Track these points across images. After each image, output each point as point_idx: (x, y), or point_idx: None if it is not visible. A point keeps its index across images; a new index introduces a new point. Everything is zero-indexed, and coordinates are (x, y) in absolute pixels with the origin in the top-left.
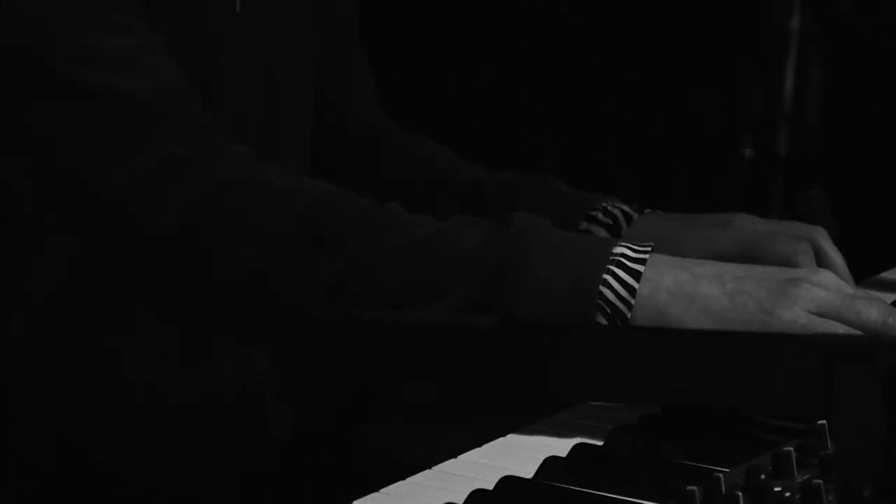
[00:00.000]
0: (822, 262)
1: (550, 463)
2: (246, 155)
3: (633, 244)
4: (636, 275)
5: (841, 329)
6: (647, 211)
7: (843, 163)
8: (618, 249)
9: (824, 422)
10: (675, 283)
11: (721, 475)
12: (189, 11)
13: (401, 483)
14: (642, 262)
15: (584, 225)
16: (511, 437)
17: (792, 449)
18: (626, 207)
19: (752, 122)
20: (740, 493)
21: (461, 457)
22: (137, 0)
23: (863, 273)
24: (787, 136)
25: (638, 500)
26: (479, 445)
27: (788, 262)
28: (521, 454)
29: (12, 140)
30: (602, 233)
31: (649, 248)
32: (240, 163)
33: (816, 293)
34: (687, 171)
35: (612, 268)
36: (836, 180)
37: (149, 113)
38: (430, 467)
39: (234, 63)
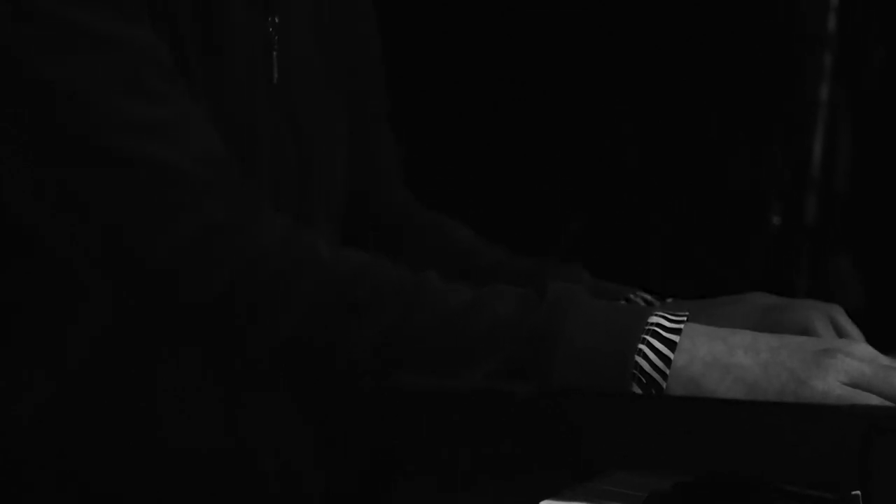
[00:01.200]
0: (840, 336)
1: None
2: (285, 223)
3: (669, 314)
4: (671, 345)
5: (874, 400)
6: (668, 300)
7: (872, 232)
8: (654, 319)
9: (858, 492)
10: (709, 353)
11: None
12: (228, 81)
13: None
14: (677, 332)
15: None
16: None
17: None
18: (649, 297)
19: (781, 189)
20: None
21: None
22: (178, 68)
23: (893, 343)
24: (816, 204)
25: None
26: None
27: (807, 331)
28: None
29: (57, 205)
30: None
31: (685, 318)
32: (279, 231)
33: (850, 364)
34: (715, 237)
35: (648, 338)
36: (865, 249)
37: (188, 181)
38: None
39: (270, 133)
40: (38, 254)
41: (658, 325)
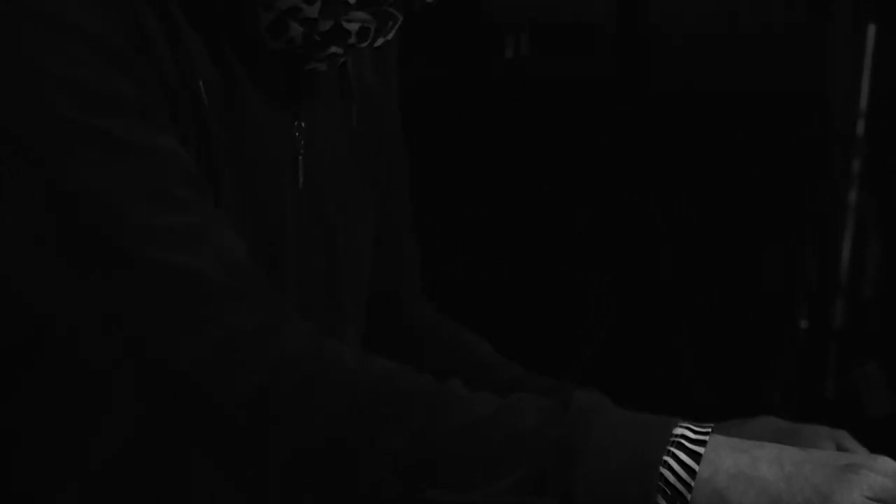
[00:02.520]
0: None
1: None
2: (311, 330)
3: (694, 425)
4: (696, 457)
5: None
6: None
7: None
8: (678, 430)
9: None
10: (734, 465)
11: None
12: (253, 186)
13: None
14: (702, 443)
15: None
16: None
17: None
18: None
19: (809, 293)
20: None
21: None
22: (203, 175)
23: None
24: (844, 308)
25: None
26: None
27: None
28: None
29: (80, 311)
30: None
31: (709, 430)
32: (305, 338)
33: (875, 479)
34: (743, 340)
35: (673, 449)
36: (893, 355)
37: (213, 288)
38: None
39: (296, 237)
40: (60, 362)
41: (683, 436)
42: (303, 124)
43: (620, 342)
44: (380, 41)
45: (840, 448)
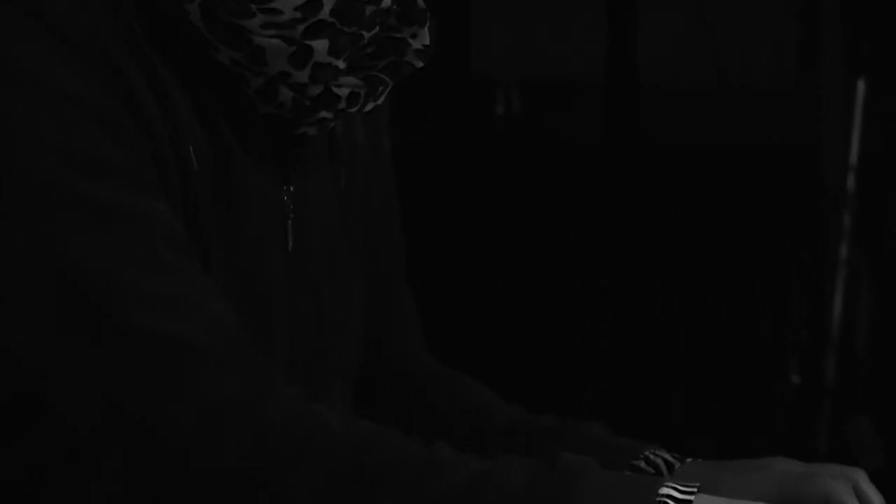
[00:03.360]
0: (862, 502)
1: None
2: (297, 395)
3: (680, 485)
4: None
5: None
6: (688, 460)
7: (892, 393)
8: (664, 490)
9: None
10: None
11: None
12: (243, 250)
13: None
14: (688, 503)
15: (626, 474)
16: None
17: None
18: (668, 456)
19: (801, 348)
20: None
21: None
22: (192, 239)
23: None
24: (836, 364)
25: None
26: None
27: (829, 501)
28: None
29: (66, 377)
30: None
31: (695, 489)
32: (291, 404)
33: None
34: (735, 395)
35: None
36: (885, 411)
37: (200, 355)
38: None
39: (285, 300)
40: (50, 425)
41: (668, 496)
42: (292, 188)
43: (611, 397)
44: (370, 106)
45: (856, 488)
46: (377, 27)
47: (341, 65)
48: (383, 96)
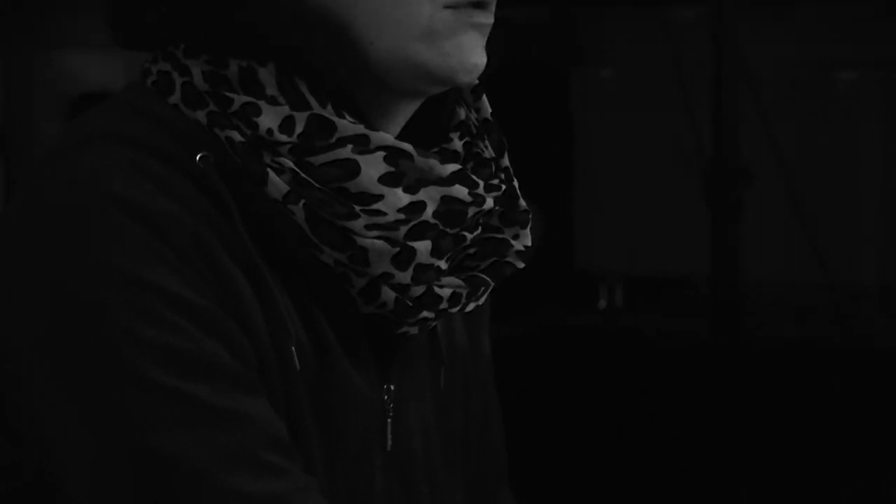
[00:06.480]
0: None
1: None
2: None
3: None
4: None
5: None
6: None
7: None
8: None
9: None
10: None
11: None
12: (342, 450)
13: None
14: None
15: None
16: None
17: None
18: None
19: None
20: None
21: None
22: (293, 439)
23: None
24: None
25: None
26: None
27: None
28: None
29: None
30: None
31: None
32: None
33: None
34: None
35: None
36: None
37: None
38: None
39: (384, 501)
40: None
41: None
42: (392, 387)
43: None
44: (471, 306)
45: None
46: (479, 228)
47: (443, 265)
48: (485, 297)
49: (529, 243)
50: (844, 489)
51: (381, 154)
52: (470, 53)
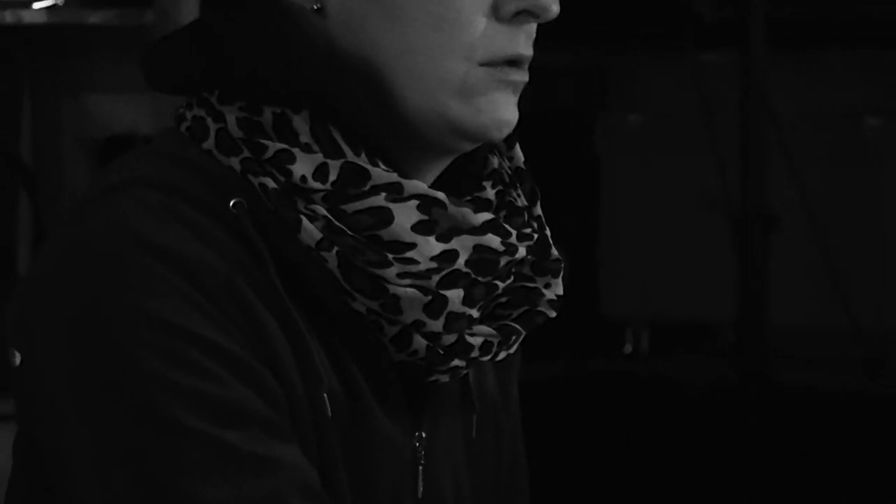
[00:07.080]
0: None
1: None
2: None
3: None
4: None
5: None
6: None
7: None
8: None
9: None
10: None
11: None
12: (374, 496)
13: None
14: None
15: None
16: None
17: None
18: None
19: None
20: None
21: None
22: (325, 486)
23: None
24: None
25: None
26: None
27: None
28: None
29: None
30: None
31: None
32: None
33: None
34: None
35: None
36: None
37: None
38: None
39: None
40: None
41: None
42: (424, 434)
43: None
44: (502, 355)
45: None
46: (511, 277)
47: (475, 314)
48: (516, 345)
49: (561, 292)
50: None
51: (415, 202)
52: (503, 111)
